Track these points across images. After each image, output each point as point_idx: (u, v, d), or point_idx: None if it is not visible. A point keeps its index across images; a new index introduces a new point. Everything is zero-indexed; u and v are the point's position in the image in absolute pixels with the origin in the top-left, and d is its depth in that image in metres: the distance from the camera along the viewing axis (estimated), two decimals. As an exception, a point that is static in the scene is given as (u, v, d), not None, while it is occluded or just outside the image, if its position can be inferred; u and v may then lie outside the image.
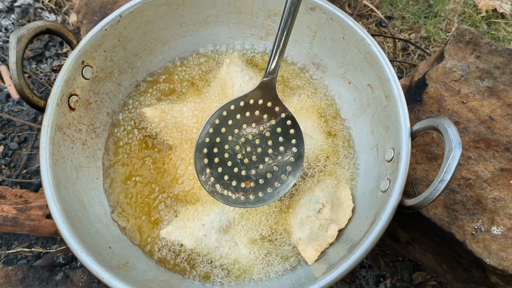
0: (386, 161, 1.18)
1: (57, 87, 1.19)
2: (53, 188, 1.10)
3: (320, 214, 1.23)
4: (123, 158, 1.33)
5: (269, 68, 1.15)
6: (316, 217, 1.23)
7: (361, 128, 1.34)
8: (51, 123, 1.16)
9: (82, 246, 1.05)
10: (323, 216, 1.23)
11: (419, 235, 1.34)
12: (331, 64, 1.39)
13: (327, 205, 1.24)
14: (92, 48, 1.26)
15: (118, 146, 1.35)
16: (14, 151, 1.78)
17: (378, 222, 1.04)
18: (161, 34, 1.41)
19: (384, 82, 1.21)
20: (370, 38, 1.24)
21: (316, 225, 1.23)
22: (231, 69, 1.41)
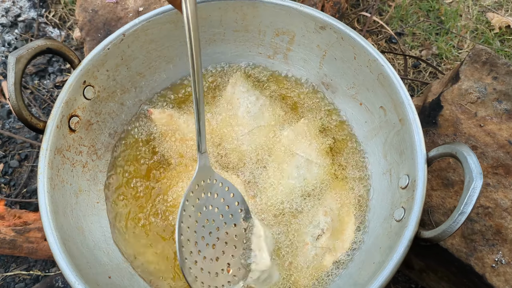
0: (401, 188, 1.13)
1: (57, 108, 1.14)
2: (51, 216, 1.05)
3: (317, 242, 1.18)
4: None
5: (201, 148, 1.10)
6: (313, 244, 1.18)
7: (373, 151, 1.28)
8: (50, 146, 1.11)
9: (80, 277, 0.99)
10: (319, 244, 1.18)
11: (434, 264, 1.28)
12: (341, 84, 1.34)
13: (327, 233, 1.19)
14: (94, 67, 1.22)
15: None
16: (14, 169, 1.74)
17: (393, 255, 0.98)
18: (165, 53, 1.36)
19: (398, 104, 1.16)
20: (383, 58, 1.19)
21: (311, 254, 1.18)
22: (236, 89, 1.37)
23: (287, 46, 1.38)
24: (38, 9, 2.05)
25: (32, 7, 2.05)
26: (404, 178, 1.12)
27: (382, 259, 1.02)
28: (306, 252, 1.18)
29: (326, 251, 1.18)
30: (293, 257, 1.19)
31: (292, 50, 1.38)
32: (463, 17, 2.04)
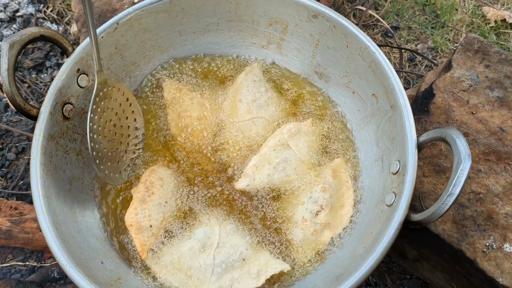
0: (392, 174, 1.13)
1: (51, 95, 1.15)
2: (43, 200, 1.05)
3: (316, 218, 1.19)
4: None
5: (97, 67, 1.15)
6: (312, 220, 1.19)
7: (365, 139, 1.29)
8: (43, 132, 1.12)
9: (71, 260, 1.00)
10: (318, 220, 1.19)
11: (428, 252, 1.28)
12: (334, 73, 1.35)
13: (326, 209, 1.19)
14: (88, 55, 1.22)
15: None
16: (11, 162, 1.75)
17: (384, 237, 0.99)
18: (159, 42, 1.37)
19: (389, 91, 1.16)
20: (375, 46, 1.19)
21: (310, 230, 1.18)
22: (248, 77, 1.37)
23: (280, 35, 1.39)
24: (36, 4, 2.06)
25: (30, 3, 2.07)
26: (395, 164, 1.13)
27: (373, 243, 1.02)
28: (304, 229, 1.18)
29: (325, 226, 1.19)
30: (292, 234, 1.20)
31: (286, 39, 1.39)
32: (459, 11, 2.04)
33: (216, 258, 1.14)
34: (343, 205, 1.23)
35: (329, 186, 1.22)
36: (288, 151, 1.27)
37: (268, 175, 1.25)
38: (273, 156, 1.26)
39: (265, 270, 1.14)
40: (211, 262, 1.13)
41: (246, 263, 1.16)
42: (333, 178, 1.24)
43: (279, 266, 1.15)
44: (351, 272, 0.99)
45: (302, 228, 1.18)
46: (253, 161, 1.27)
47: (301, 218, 1.19)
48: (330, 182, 1.23)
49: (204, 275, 1.13)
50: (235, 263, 1.14)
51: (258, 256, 1.17)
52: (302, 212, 1.20)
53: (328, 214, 1.19)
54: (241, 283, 1.13)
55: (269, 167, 1.26)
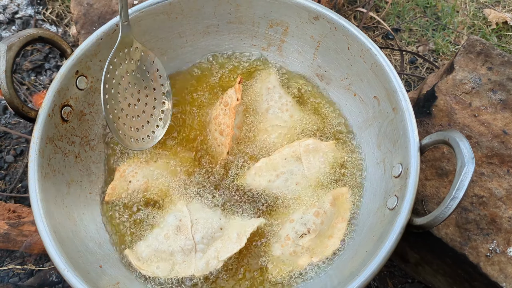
0: (394, 177, 1.12)
1: (49, 97, 1.14)
2: (41, 203, 1.04)
3: (300, 240, 1.15)
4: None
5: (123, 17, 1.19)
6: (295, 241, 1.15)
7: (367, 142, 1.28)
8: (41, 134, 1.11)
9: (69, 264, 0.99)
10: (301, 243, 1.15)
11: (430, 256, 1.27)
12: (335, 75, 1.34)
13: (312, 234, 1.15)
14: (87, 57, 1.21)
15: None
16: (9, 164, 1.74)
17: (386, 242, 0.98)
18: (159, 44, 1.36)
19: (391, 93, 1.15)
20: (376, 48, 1.18)
21: (289, 250, 1.15)
22: (264, 85, 1.37)
23: (281, 37, 1.38)
24: (35, 6, 2.05)
25: (29, 4, 2.06)
26: (397, 167, 1.12)
27: (375, 248, 1.01)
28: (284, 247, 1.15)
29: (307, 251, 1.15)
30: (270, 248, 1.17)
31: (286, 41, 1.38)
32: (460, 13, 2.03)
33: (195, 236, 1.14)
34: (332, 235, 1.18)
35: (323, 212, 1.18)
36: (297, 165, 1.25)
37: (268, 180, 1.24)
38: (280, 165, 1.25)
39: (244, 231, 1.14)
40: (192, 242, 1.13)
41: (225, 231, 1.16)
42: (331, 206, 1.20)
43: (255, 223, 1.15)
44: (353, 276, 0.97)
45: (282, 245, 1.16)
46: (260, 163, 1.25)
47: (285, 235, 1.16)
48: (327, 208, 1.19)
49: (189, 256, 1.14)
50: (214, 234, 1.15)
51: (232, 222, 1.18)
52: (288, 229, 1.17)
53: (313, 239, 1.16)
54: (225, 250, 1.13)
55: (273, 173, 1.24)
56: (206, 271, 1.12)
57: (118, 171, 1.27)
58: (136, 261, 1.15)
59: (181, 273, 1.13)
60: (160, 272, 1.14)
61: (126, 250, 1.18)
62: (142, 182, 1.23)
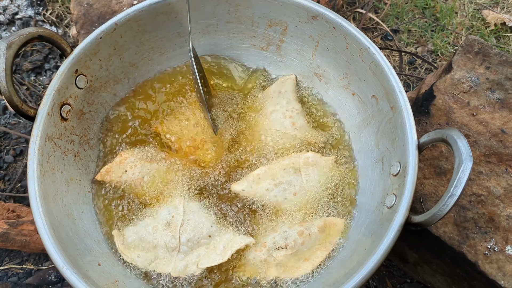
0: (392, 176, 1.12)
1: (48, 95, 1.14)
2: (40, 201, 1.04)
3: (274, 252, 1.14)
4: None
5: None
6: (269, 252, 1.14)
7: (365, 141, 1.28)
8: (40, 132, 1.11)
9: (69, 262, 0.99)
10: (275, 255, 1.13)
11: (428, 255, 1.27)
12: (334, 75, 1.34)
13: (289, 251, 1.13)
14: (86, 56, 1.22)
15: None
16: (9, 164, 1.74)
17: (384, 239, 0.98)
18: (159, 44, 1.37)
19: (389, 92, 1.16)
20: (375, 47, 1.19)
21: (260, 257, 1.14)
22: (277, 88, 1.37)
23: (280, 37, 1.38)
24: (35, 7, 2.06)
25: (29, 5, 2.06)
26: (395, 165, 1.12)
27: (373, 246, 1.01)
28: (257, 252, 1.14)
29: (277, 265, 1.13)
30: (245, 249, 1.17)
31: (285, 41, 1.38)
32: (459, 14, 2.04)
33: (182, 236, 1.14)
34: (308, 259, 1.16)
35: (308, 234, 1.16)
36: (296, 176, 1.24)
37: (266, 189, 1.23)
38: (279, 174, 1.24)
39: (230, 246, 1.14)
40: (177, 242, 1.14)
41: (213, 239, 1.16)
42: (318, 231, 1.17)
43: (243, 241, 1.14)
44: (351, 274, 0.97)
45: (256, 250, 1.15)
46: (259, 170, 1.25)
47: (263, 242, 1.16)
48: (313, 232, 1.16)
49: (171, 254, 1.14)
50: (201, 240, 1.15)
51: (223, 232, 1.17)
52: (268, 238, 1.16)
53: (288, 256, 1.14)
54: (207, 259, 1.13)
55: (271, 182, 1.24)
56: (183, 274, 1.13)
57: (120, 156, 1.27)
58: (120, 244, 1.17)
59: (159, 268, 1.14)
60: (139, 261, 1.15)
61: (114, 231, 1.19)
62: (137, 177, 1.23)
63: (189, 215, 1.18)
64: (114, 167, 1.25)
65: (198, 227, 1.15)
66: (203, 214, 1.20)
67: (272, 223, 1.21)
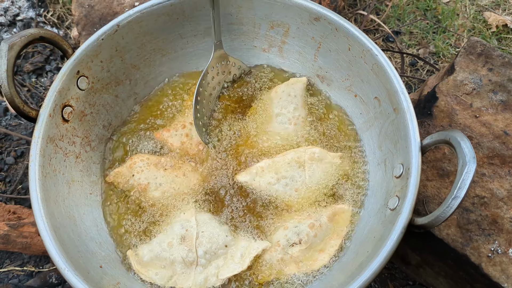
0: (395, 177, 1.12)
1: (50, 97, 1.14)
2: (42, 203, 1.04)
3: (289, 248, 1.14)
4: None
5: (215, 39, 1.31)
6: (284, 249, 1.14)
7: (368, 142, 1.28)
8: (42, 134, 1.11)
9: (70, 264, 0.99)
10: (291, 252, 1.14)
11: (431, 258, 1.27)
12: (336, 76, 1.34)
13: (303, 245, 1.14)
14: (88, 57, 1.22)
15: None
16: (10, 166, 1.74)
17: (387, 241, 0.97)
18: (160, 45, 1.36)
19: (392, 94, 1.15)
20: (377, 48, 1.19)
21: (277, 257, 1.14)
22: (286, 89, 1.36)
23: (282, 38, 1.38)
24: (36, 9, 2.06)
25: (30, 7, 2.06)
26: (398, 167, 1.11)
27: (376, 248, 1.01)
28: (273, 252, 1.14)
29: (294, 261, 1.14)
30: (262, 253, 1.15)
31: (287, 42, 1.38)
32: (460, 16, 2.04)
33: (198, 249, 1.13)
34: (324, 250, 1.17)
35: (319, 225, 1.16)
36: (299, 171, 1.24)
37: (268, 183, 1.23)
38: (283, 168, 1.24)
39: (248, 253, 1.13)
40: (194, 255, 1.13)
41: (229, 249, 1.15)
42: (328, 220, 1.18)
43: (260, 246, 1.14)
44: (354, 277, 0.97)
45: (271, 250, 1.14)
46: (262, 163, 1.25)
47: (276, 241, 1.15)
48: (323, 222, 1.17)
49: (189, 268, 1.13)
50: (218, 250, 1.14)
51: (239, 240, 1.17)
52: (280, 236, 1.16)
53: (303, 251, 1.14)
54: (227, 269, 1.12)
55: (274, 176, 1.23)
56: (204, 287, 1.12)
57: (131, 159, 1.28)
58: (137, 264, 1.15)
59: (179, 284, 1.12)
60: (158, 279, 1.13)
61: (128, 251, 1.17)
62: (143, 182, 1.23)
63: (202, 227, 1.16)
64: (123, 171, 1.25)
65: (213, 238, 1.14)
66: (216, 224, 1.19)
67: (280, 220, 1.20)
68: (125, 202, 1.24)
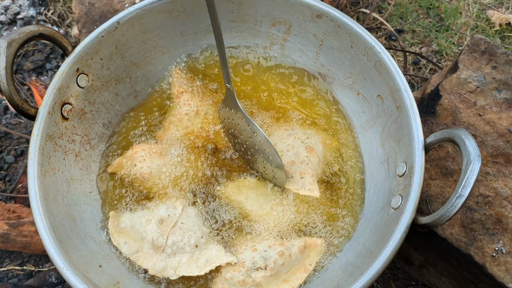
0: (398, 176, 1.10)
1: (49, 94, 1.13)
2: (40, 201, 1.03)
3: (253, 272, 1.10)
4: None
5: (226, 80, 1.18)
6: (247, 273, 1.10)
7: (370, 141, 1.26)
8: (41, 132, 1.10)
9: (69, 263, 0.97)
10: (253, 276, 1.09)
11: (434, 257, 1.25)
12: (338, 74, 1.33)
13: (268, 272, 1.09)
14: (88, 55, 1.20)
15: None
16: (10, 165, 1.73)
17: (390, 241, 0.96)
18: (161, 43, 1.35)
19: (395, 92, 1.14)
20: (380, 45, 1.17)
21: (238, 278, 1.10)
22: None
23: (283, 36, 1.36)
24: (37, 7, 2.05)
25: (31, 5, 2.05)
26: (401, 166, 1.10)
27: (379, 248, 0.99)
28: (236, 272, 1.10)
29: (254, 286, 1.10)
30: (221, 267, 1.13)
31: (289, 40, 1.37)
32: (463, 14, 2.02)
33: (169, 238, 1.13)
34: (288, 281, 1.12)
35: (288, 255, 1.12)
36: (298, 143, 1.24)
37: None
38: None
39: (212, 261, 1.12)
40: (163, 241, 1.13)
41: (198, 250, 1.14)
42: (299, 252, 1.13)
43: (226, 259, 1.11)
44: (356, 277, 0.95)
45: (234, 270, 1.11)
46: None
47: (241, 261, 1.12)
48: (293, 253, 1.13)
49: (154, 251, 1.13)
50: (186, 247, 1.13)
51: (210, 247, 1.15)
52: (248, 257, 1.12)
53: (267, 278, 1.10)
54: (186, 268, 1.12)
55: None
56: (159, 275, 1.12)
57: (132, 149, 1.27)
58: (113, 227, 1.18)
59: (139, 261, 1.14)
60: (125, 248, 1.15)
61: (112, 212, 1.20)
62: (145, 171, 1.22)
63: (184, 219, 1.16)
64: (124, 161, 1.25)
65: (188, 233, 1.14)
66: (198, 223, 1.18)
67: (254, 235, 1.18)
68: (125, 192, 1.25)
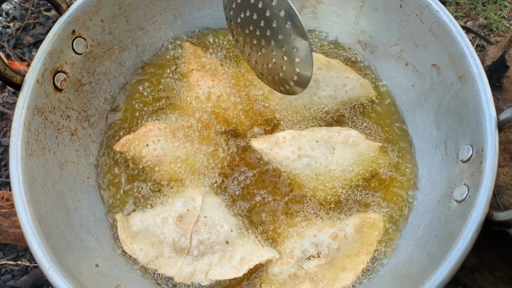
0: (461, 162, 0.92)
1: (38, 59, 0.96)
2: (24, 186, 0.86)
3: (304, 263, 0.94)
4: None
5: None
6: (298, 263, 0.94)
7: (422, 121, 1.07)
8: (27, 104, 0.92)
9: (56, 263, 0.81)
10: (306, 267, 0.93)
11: (492, 260, 1.09)
12: (383, 41, 1.14)
13: (322, 260, 0.94)
14: (85, 15, 1.03)
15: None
16: (6, 148, 1.57)
17: (459, 241, 0.77)
18: (172, 5, 1.18)
19: (456, 59, 0.95)
20: (438, 3, 0.98)
21: (289, 271, 0.93)
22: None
23: (317, -3, 1.17)
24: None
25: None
26: (465, 149, 0.92)
27: (440, 249, 0.80)
28: (284, 265, 0.94)
29: (309, 278, 0.94)
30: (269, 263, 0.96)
31: (323, 2, 1.20)
32: (515, -16, 1.80)
33: (194, 237, 0.95)
34: (346, 268, 0.97)
35: (343, 237, 0.96)
36: (326, 152, 1.04)
37: (287, 157, 1.04)
38: (308, 145, 1.04)
39: (249, 259, 0.94)
40: (187, 242, 0.94)
41: (230, 247, 0.96)
42: (354, 232, 0.98)
43: (265, 254, 0.94)
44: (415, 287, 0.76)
45: (281, 263, 0.94)
46: (286, 133, 1.06)
47: (289, 252, 0.95)
48: (348, 233, 0.97)
49: (178, 255, 0.96)
50: (215, 245, 0.95)
51: (244, 241, 0.98)
52: (295, 245, 0.97)
53: (321, 266, 0.94)
54: (219, 270, 0.94)
55: (295, 151, 1.04)
56: (188, 281, 0.95)
57: (145, 126, 1.08)
58: (123, 232, 0.99)
59: (162, 269, 0.96)
60: (141, 256, 0.97)
61: (119, 214, 1.01)
62: (159, 154, 1.04)
63: (207, 212, 0.98)
64: (135, 138, 1.07)
65: (215, 229, 0.96)
66: (224, 213, 1.00)
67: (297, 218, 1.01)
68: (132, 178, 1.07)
